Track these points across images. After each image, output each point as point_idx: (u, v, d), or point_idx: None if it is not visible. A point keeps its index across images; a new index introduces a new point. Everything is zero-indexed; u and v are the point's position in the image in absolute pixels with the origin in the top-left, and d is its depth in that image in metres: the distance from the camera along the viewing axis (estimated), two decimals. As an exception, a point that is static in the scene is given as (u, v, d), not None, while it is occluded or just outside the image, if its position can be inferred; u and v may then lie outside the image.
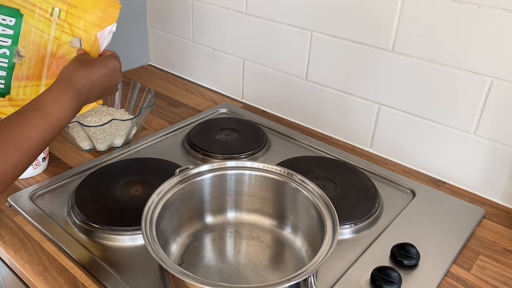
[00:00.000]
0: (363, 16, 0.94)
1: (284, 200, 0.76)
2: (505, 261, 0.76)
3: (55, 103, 0.64)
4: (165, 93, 1.28)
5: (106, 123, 0.92)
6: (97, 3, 0.75)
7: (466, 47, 0.83)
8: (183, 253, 0.73)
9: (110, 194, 0.82)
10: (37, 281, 0.68)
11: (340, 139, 1.08)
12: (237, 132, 1.04)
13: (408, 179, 0.92)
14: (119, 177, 0.86)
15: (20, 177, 0.87)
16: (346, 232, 0.78)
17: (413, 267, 0.71)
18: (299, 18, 1.04)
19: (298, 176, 0.74)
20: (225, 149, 0.98)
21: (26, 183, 0.87)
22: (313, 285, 0.59)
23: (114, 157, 0.96)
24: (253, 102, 1.23)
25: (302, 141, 1.04)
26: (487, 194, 0.90)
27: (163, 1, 1.33)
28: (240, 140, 1.02)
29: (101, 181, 0.86)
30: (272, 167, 0.76)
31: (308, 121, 1.13)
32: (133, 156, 0.97)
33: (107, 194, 0.82)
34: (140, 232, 0.69)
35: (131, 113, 1.06)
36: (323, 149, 1.01)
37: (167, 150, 1.00)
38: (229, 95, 1.28)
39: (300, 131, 1.10)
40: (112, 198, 0.82)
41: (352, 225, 0.79)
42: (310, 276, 0.58)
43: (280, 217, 0.78)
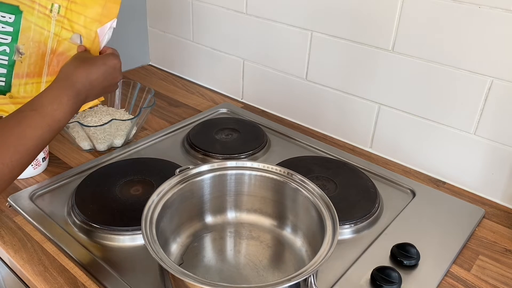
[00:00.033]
0: (363, 16, 0.94)
1: (284, 200, 0.76)
2: (505, 261, 0.76)
3: (53, 103, 0.64)
4: (165, 93, 1.28)
5: (106, 123, 0.92)
6: None
7: (466, 47, 0.83)
8: (183, 253, 0.73)
9: (110, 194, 0.82)
10: (37, 281, 0.68)
11: (340, 139, 1.08)
12: (237, 132, 1.04)
13: (408, 179, 0.92)
14: (119, 177, 0.86)
15: (20, 177, 0.87)
16: (346, 232, 0.78)
17: (413, 267, 0.71)
18: (299, 18, 1.04)
19: (298, 176, 0.74)
20: (225, 149, 0.98)
21: (26, 183, 0.87)
22: (313, 285, 0.59)
23: (114, 157, 0.96)
24: (253, 102, 1.23)
25: (302, 141, 1.04)
26: (487, 194, 0.90)
27: (163, 1, 1.33)
28: (240, 140, 1.02)
29: (101, 181, 0.86)
30: (272, 167, 0.76)
31: (308, 121, 1.13)
32: (133, 156, 0.97)
33: (107, 194, 0.82)
34: (140, 232, 0.69)
35: (131, 113, 1.06)
36: (323, 149, 1.01)
37: (167, 150, 1.00)
38: (229, 95, 1.28)
39: (300, 131, 1.10)
40: (112, 198, 0.82)
41: (352, 225, 0.79)
42: (310, 276, 0.58)
43: (280, 217, 0.78)
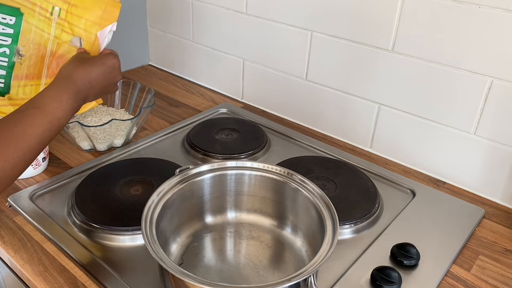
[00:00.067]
0: (363, 16, 0.94)
1: (284, 200, 0.76)
2: (505, 261, 0.76)
3: (54, 102, 0.64)
4: (165, 93, 1.28)
5: (106, 123, 0.92)
6: (97, 2, 0.75)
7: (466, 47, 0.83)
8: (183, 253, 0.73)
9: (110, 194, 0.82)
10: (37, 281, 0.68)
11: (340, 139, 1.08)
12: (237, 132, 1.04)
13: (408, 179, 0.92)
14: (119, 177, 0.86)
15: (20, 177, 0.87)
16: (346, 232, 0.78)
17: (413, 267, 0.71)
18: (299, 18, 1.04)
19: (298, 176, 0.74)
20: (225, 149, 0.98)
21: (26, 183, 0.87)
22: (313, 285, 0.59)
23: (114, 157, 0.96)
24: (253, 102, 1.23)
25: (302, 141, 1.04)
26: (487, 194, 0.90)
27: (163, 1, 1.33)
28: (240, 140, 1.02)
29: (101, 181, 0.86)
30: (272, 167, 0.76)
31: (308, 121, 1.13)
32: (133, 156, 0.97)
33: (107, 194, 0.82)
34: (140, 232, 0.69)
35: (131, 113, 1.06)
36: (323, 149, 1.01)
37: (167, 150, 1.00)
38: (229, 95, 1.28)
39: (300, 131, 1.10)
40: (112, 198, 0.82)
41: (352, 225, 0.79)
42: (310, 276, 0.58)
43: (280, 217, 0.78)
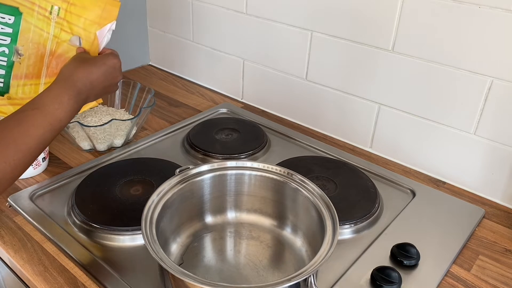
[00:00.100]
0: (363, 16, 0.94)
1: (284, 200, 0.76)
2: (505, 261, 0.76)
3: (54, 103, 0.64)
4: (165, 93, 1.28)
5: (106, 123, 0.92)
6: (96, 1, 0.75)
7: (466, 47, 0.83)
8: (183, 253, 0.73)
9: (110, 194, 0.82)
10: (37, 281, 0.68)
11: (340, 139, 1.08)
12: (237, 132, 1.04)
13: (408, 179, 0.92)
14: (119, 177, 0.86)
15: (20, 177, 0.87)
16: (346, 232, 0.78)
17: (413, 267, 0.71)
18: (299, 18, 1.04)
19: (298, 176, 0.74)
20: (225, 149, 0.98)
21: (26, 183, 0.87)
22: (313, 285, 0.59)
23: (114, 157, 0.96)
24: (253, 102, 1.23)
25: (302, 141, 1.04)
26: (487, 194, 0.90)
27: (163, 1, 1.33)
28: (240, 140, 1.02)
29: (101, 181, 0.86)
30: (272, 167, 0.76)
31: (308, 121, 1.13)
32: (133, 156, 0.97)
33: (107, 194, 0.82)
34: (140, 232, 0.69)
35: (131, 113, 1.06)
36: (323, 149, 1.01)
37: (167, 150, 1.00)
38: (229, 95, 1.28)
39: (300, 131, 1.10)
40: (112, 198, 0.82)
41: (352, 225, 0.79)
42: (310, 276, 0.58)
43: (280, 217, 0.78)
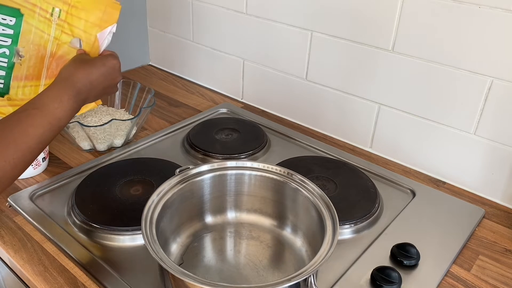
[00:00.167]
0: (363, 16, 0.94)
1: (284, 200, 0.76)
2: (505, 261, 0.76)
3: (54, 102, 0.64)
4: (165, 93, 1.28)
5: (106, 123, 0.92)
6: (97, 4, 0.75)
7: (466, 47, 0.83)
8: (183, 253, 0.73)
9: (110, 194, 0.82)
10: (37, 281, 0.68)
11: (340, 139, 1.08)
12: (237, 132, 1.04)
13: (408, 179, 0.92)
14: (119, 177, 0.86)
15: (20, 177, 0.87)
16: (346, 232, 0.78)
17: (413, 267, 0.71)
18: (299, 18, 1.04)
19: (298, 176, 0.74)
20: (225, 149, 0.98)
21: (26, 183, 0.87)
22: (313, 285, 0.59)
23: (114, 157, 0.96)
24: (253, 102, 1.23)
25: (302, 141, 1.04)
26: (487, 194, 0.90)
27: (163, 1, 1.33)
28: (240, 140, 1.02)
29: (101, 181, 0.86)
30: (272, 167, 0.76)
31: (308, 121, 1.13)
32: (133, 156, 0.97)
33: (107, 194, 0.82)
34: (140, 232, 0.69)
35: (131, 113, 1.06)
36: (323, 149, 1.01)
37: (167, 150, 1.00)
38: (229, 95, 1.28)
39: (300, 131, 1.10)
40: (112, 198, 0.82)
41: (352, 225, 0.79)
42: (310, 276, 0.58)
43: (280, 217, 0.78)
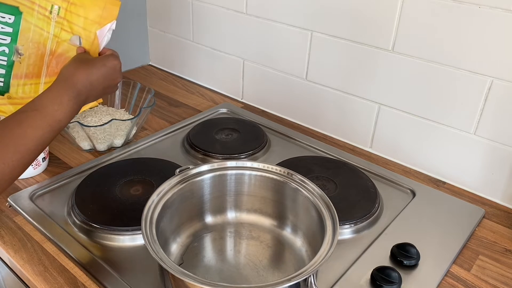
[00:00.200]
0: (363, 16, 0.94)
1: (284, 200, 0.76)
2: (505, 261, 0.76)
3: (54, 104, 0.64)
4: (165, 93, 1.28)
5: (106, 123, 0.92)
6: (96, 1, 0.75)
7: (466, 47, 0.83)
8: (183, 253, 0.73)
9: (110, 194, 0.82)
10: (37, 281, 0.68)
11: (340, 139, 1.08)
12: (237, 132, 1.04)
13: (408, 179, 0.92)
14: (119, 177, 0.86)
15: (20, 177, 0.87)
16: (346, 232, 0.78)
17: (413, 267, 0.71)
18: (299, 18, 1.04)
19: (298, 176, 0.74)
20: (225, 149, 0.98)
21: (26, 183, 0.87)
22: (313, 285, 0.59)
23: (114, 157, 0.96)
24: (253, 102, 1.23)
25: (302, 141, 1.04)
26: (487, 194, 0.90)
27: (163, 1, 1.33)
28: (240, 140, 1.02)
29: (101, 181, 0.86)
30: (272, 167, 0.76)
31: (308, 121, 1.13)
32: (133, 156, 0.97)
33: (107, 194, 0.82)
34: (140, 232, 0.69)
35: (131, 113, 1.06)
36: (323, 149, 1.01)
37: (167, 150, 1.00)
38: (229, 95, 1.28)
39: (300, 131, 1.10)
40: (112, 198, 0.82)
41: (352, 225, 0.79)
42: (310, 276, 0.58)
43: (280, 217, 0.78)
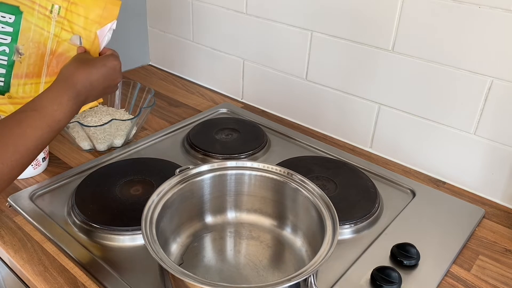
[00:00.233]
0: (363, 16, 0.94)
1: (284, 200, 0.76)
2: (505, 261, 0.76)
3: (53, 104, 0.64)
4: (165, 93, 1.28)
5: (106, 123, 0.92)
6: (97, 1, 0.75)
7: (466, 47, 0.83)
8: (183, 253, 0.73)
9: (110, 194, 0.82)
10: (37, 281, 0.68)
11: (340, 139, 1.08)
12: (237, 132, 1.04)
13: (408, 179, 0.92)
14: (119, 177, 0.86)
15: (20, 177, 0.87)
16: (346, 232, 0.78)
17: (413, 267, 0.71)
18: (299, 18, 1.04)
19: (298, 176, 0.74)
20: (225, 149, 0.98)
21: (26, 183, 0.87)
22: (313, 285, 0.59)
23: (114, 157, 0.96)
24: (253, 102, 1.23)
25: (302, 141, 1.04)
26: (487, 194, 0.90)
27: (163, 1, 1.33)
28: (240, 140, 1.02)
29: (101, 181, 0.86)
30: (272, 167, 0.76)
31: (308, 121, 1.13)
32: (133, 156, 0.97)
33: (107, 194, 0.82)
34: (140, 232, 0.69)
35: (131, 113, 1.06)
36: (323, 149, 1.01)
37: (167, 150, 1.00)
38: (229, 95, 1.28)
39: (300, 131, 1.10)
40: (112, 198, 0.82)
41: (352, 225, 0.79)
42: (310, 276, 0.58)
43: (280, 217, 0.78)
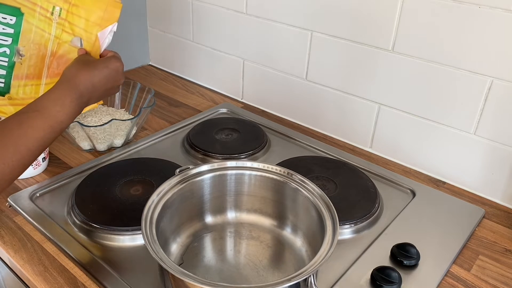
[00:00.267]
0: (363, 16, 0.94)
1: (284, 200, 0.76)
2: (505, 261, 0.76)
3: (56, 105, 0.64)
4: (165, 93, 1.28)
5: (106, 123, 0.92)
6: (98, 3, 0.75)
7: (466, 47, 0.83)
8: (183, 253, 0.73)
9: (110, 194, 0.82)
10: (37, 281, 0.68)
11: (340, 139, 1.08)
12: (237, 132, 1.04)
13: (408, 179, 0.92)
14: (119, 177, 0.86)
15: (20, 177, 0.87)
16: (346, 232, 0.78)
17: (413, 267, 0.71)
18: (299, 18, 1.04)
19: (298, 176, 0.74)
20: (225, 149, 0.98)
21: (26, 183, 0.87)
22: (313, 285, 0.59)
23: (114, 157, 0.96)
24: (253, 102, 1.23)
25: (302, 141, 1.04)
26: (487, 194, 0.90)
27: (163, 1, 1.33)
28: (240, 140, 1.02)
29: (101, 181, 0.86)
30: (272, 167, 0.76)
31: (308, 121, 1.13)
32: (133, 156, 0.97)
33: (107, 194, 0.82)
34: (140, 232, 0.69)
35: (131, 113, 1.06)
36: (323, 149, 1.01)
37: (167, 150, 1.00)
38: (229, 95, 1.28)
39: (300, 131, 1.10)
40: (112, 198, 0.82)
41: (352, 225, 0.79)
42: (310, 276, 0.58)
43: (280, 217, 0.78)
